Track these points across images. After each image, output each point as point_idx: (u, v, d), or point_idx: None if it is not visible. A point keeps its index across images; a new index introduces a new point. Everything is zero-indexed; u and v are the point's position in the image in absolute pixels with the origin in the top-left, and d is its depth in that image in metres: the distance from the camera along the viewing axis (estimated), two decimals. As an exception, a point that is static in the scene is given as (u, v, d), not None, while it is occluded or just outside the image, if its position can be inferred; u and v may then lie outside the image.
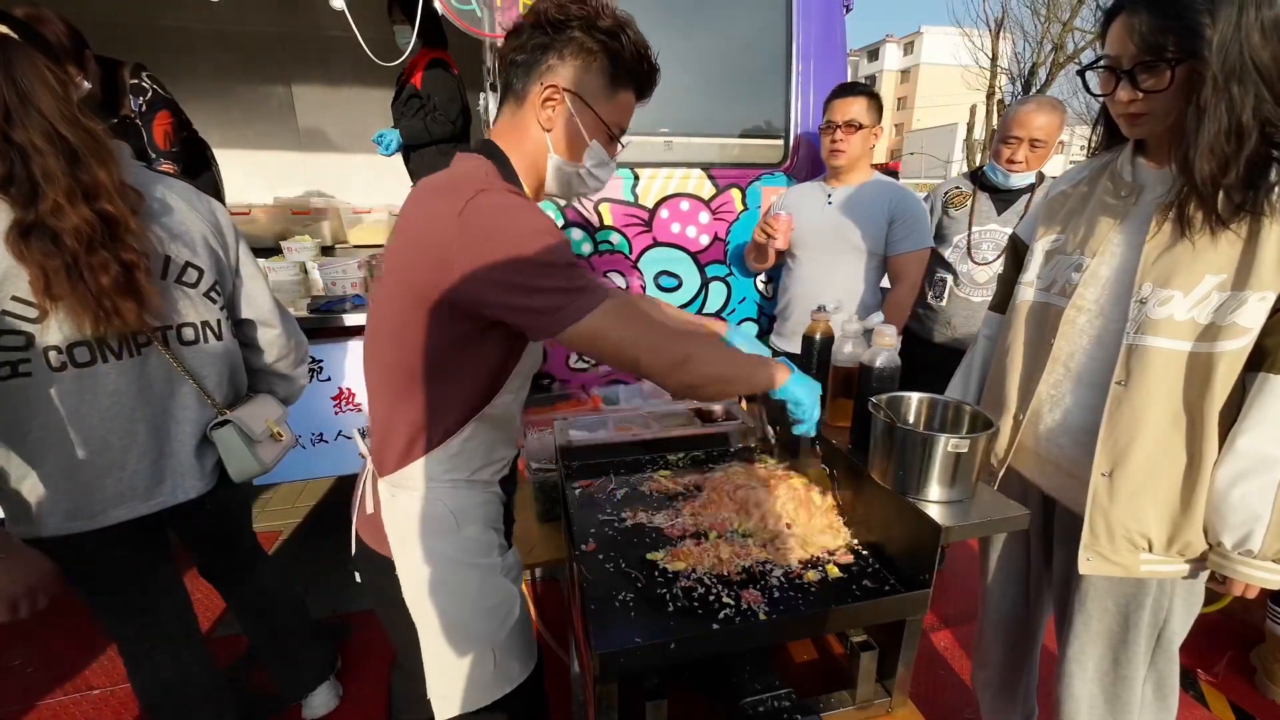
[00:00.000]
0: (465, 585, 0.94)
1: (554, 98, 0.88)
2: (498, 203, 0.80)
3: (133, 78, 2.33)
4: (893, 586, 0.97)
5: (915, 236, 1.97)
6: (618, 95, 0.92)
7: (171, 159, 2.46)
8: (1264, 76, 0.85)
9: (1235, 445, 0.94)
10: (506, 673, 0.99)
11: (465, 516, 0.94)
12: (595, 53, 0.88)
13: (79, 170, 0.99)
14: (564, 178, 0.95)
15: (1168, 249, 0.96)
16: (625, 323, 0.82)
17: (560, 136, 0.91)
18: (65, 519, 1.11)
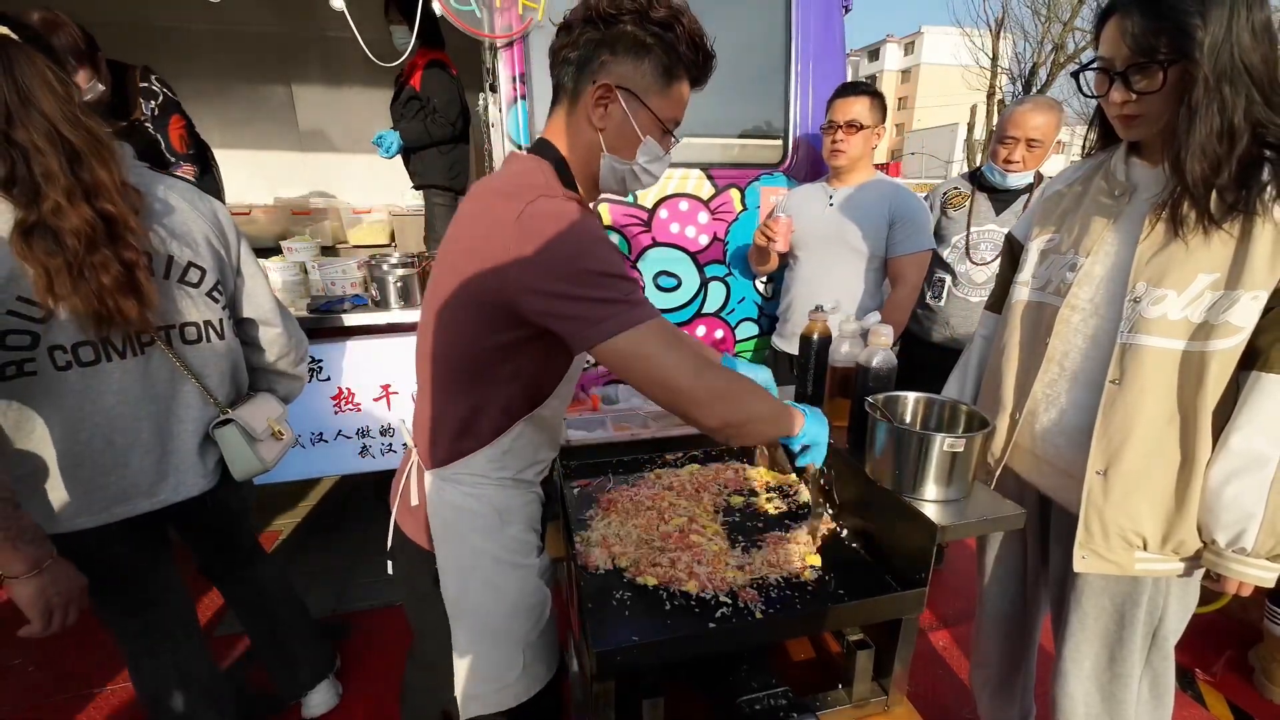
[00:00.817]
0: (506, 584, 0.95)
1: (607, 96, 0.86)
2: (556, 209, 0.79)
3: (142, 81, 2.33)
4: (889, 585, 0.98)
5: (916, 239, 1.96)
6: (672, 87, 0.88)
7: (190, 161, 2.48)
8: (1254, 78, 0.86)
9: (1228, 443, 0.94)
10: (534, 675, 0.99)
11: (510, 515, 0.95)
12: (650, 46, 0.84)
13: (80, 170, 0.99)
14: (618, 176, 0.93)
15: (1161, 248, 0.97)
16: (669, 346, 0.79)
17: (614, 135, 0.88)
18: (68, 516, 1.12)
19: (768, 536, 1.10)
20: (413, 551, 0.97)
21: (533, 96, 2.10)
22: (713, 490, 1.27)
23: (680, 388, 0.79)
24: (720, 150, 2.40)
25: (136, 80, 2.31)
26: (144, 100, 2.32)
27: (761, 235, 2.07)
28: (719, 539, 1.09)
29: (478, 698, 0.96)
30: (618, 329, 0.77)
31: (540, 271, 0.77)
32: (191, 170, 2.49)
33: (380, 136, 2.75)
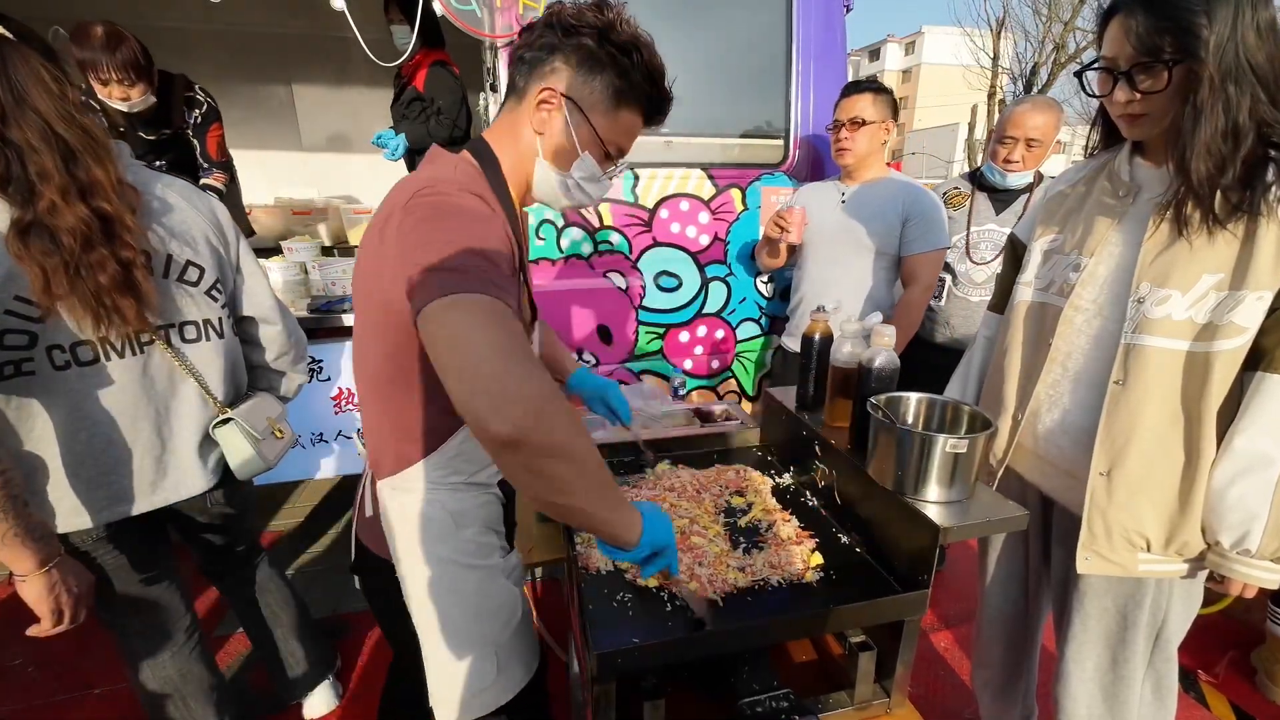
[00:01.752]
0: (465, 588, 0.93)
1: (550, 101, 0.86)
2: (438, 200, 0.76)
3: (186, 90, 2.41)
4: (891, 586, 0.98)
5: (930, 237, 1.91)
6: (620, 113, 0.88)
7: (223, 169, 2.55)
8: (1260, 77, 0.86)
9: (1233, 444, 0.94)
10: (510, 677, 0.98)
11: (464, 518, 0.93)
12: (604, 65, 0.84)
13: (75, 168, 0.99)
14: (550, 184, 0.92)
15: (1165, 249, 0.96)
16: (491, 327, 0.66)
17: (551, 142, 0.88)
18: (69, 516, 1.12)
19: (769, 537, 1.10)
20: (376, 563, 0.96)
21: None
22: (714, 491, 1.27)
23: (480, 373, 0.64)
24: (721, 150, 2.39)
25: (181, 90, 2.39)
26: (187, 109, 2.40)
27: (774, 227, 2.02)
28: (720, 540, 1.09)
29: (455, 704, 0.94)
30: (431, 294, 0.67)
31: (403, 253, 0.73)
32: (223, 178, 2.56)
33: (381, 137, 2.74)
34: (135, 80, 2.04)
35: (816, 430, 1.22)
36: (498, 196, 0.87)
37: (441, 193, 0.78)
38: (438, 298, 0.67)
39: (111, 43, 1.94)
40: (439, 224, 0.74)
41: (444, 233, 0.73)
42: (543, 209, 2.19)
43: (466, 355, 0.65)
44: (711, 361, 2.58)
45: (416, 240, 0.73)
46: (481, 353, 0.64)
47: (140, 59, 2.02)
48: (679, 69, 2.43)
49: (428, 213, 0.75)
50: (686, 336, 2.50)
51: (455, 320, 0.66)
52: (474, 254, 0.71)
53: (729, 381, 2.65)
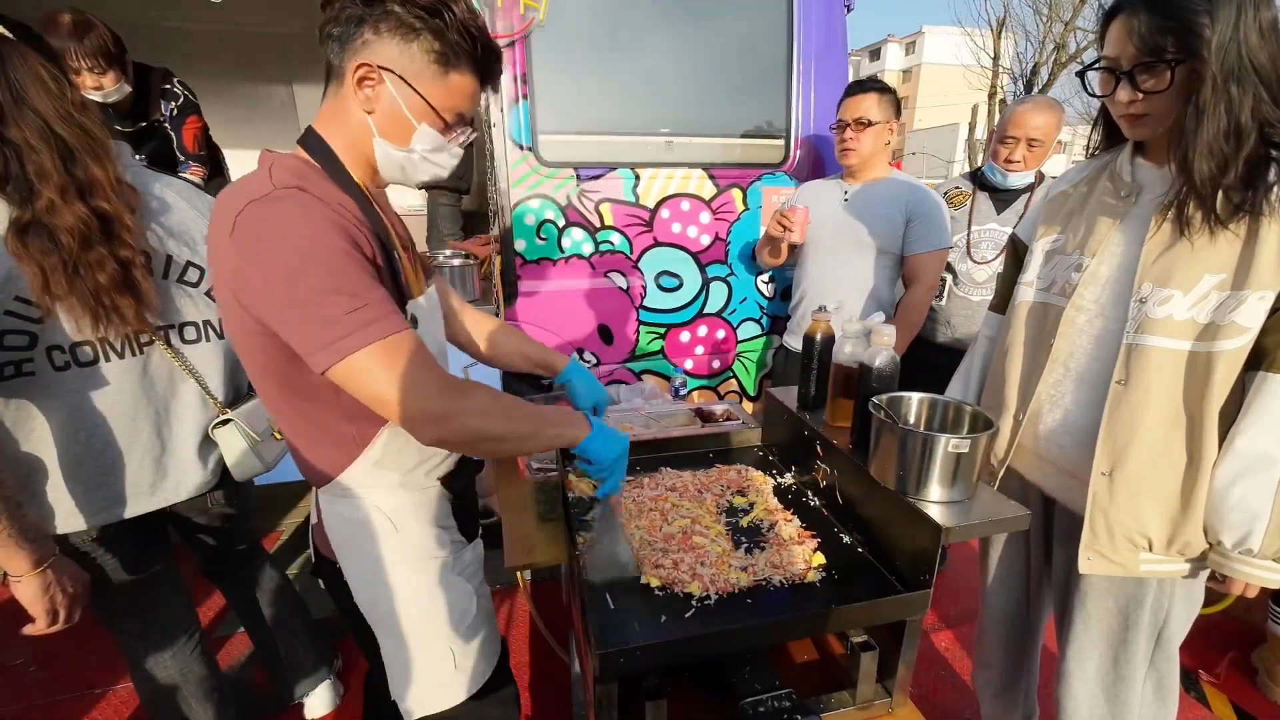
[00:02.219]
0: (413, 586, 0.93)
1: (370, 76, 0.80)
2: (266, 214, 0.73)
3: (163, 83, 2.36)
4: (893, 586, 0.98)
5: (933, 236, 1.92)
6: (450, 77, 0.83)
7: (200, 162, 2.50)
8: (1262, 77, 0.86)
9: (1234, 444, 0.94)
10: (471, 672, 0.98)
11: (403, 518, 0.93)
12: (418, 30, 0.79)
13: (74, 167, 0.99)
14: (394, 163, 0.87)
15: (1167, 249, 0.96)
16: (391, 365, 0.74)
17: (383, 119, 0.83)
18: (69, 516, 1.12)
19: (770, 537, 1.10)
20: (329, 569, 0.96)
21: (534, 96, 2.09)
22: (715, 491, 1.27)
23: (393, 410, 0.75)
24: (722, 150, 2.40)
25: (158, 83, 2.35)
26: (164, 101, 2.36)
27: (777, 225, 2.01)
28: (722, 540, 1.08)
29: (418, 700, 0.95)
30: (336, 355, 0.72)
31: (260, 289, 0.72)
32: (200, 172, 2.51)
33: None
34: (106, 68, 1.99)
35: (818, 430, 1.22)
36: (339, 184, 0.83)
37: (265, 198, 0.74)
38: (334, 361, 0.72)
39: (79, 30, 1.87)
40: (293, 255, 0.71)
41: (303, 272, 0.71)
42: (544, 207, 2.19)
43: (384, 396, 0.74)
44: (712, 361, 2.58)
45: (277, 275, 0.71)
46: (394, 390, 0.74)
47: (110, 47, 1.96)
48: (680, 69, 2.44)
49: (268, 234, 0.72)
50: (687, 336, 2.50)
51: (365, 372, 0.73)
52: (345, 294, 0.72)
53: (730, 381, 2.65)
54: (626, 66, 2.26)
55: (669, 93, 2.32)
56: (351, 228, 0.77)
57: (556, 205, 2.21)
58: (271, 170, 0.79)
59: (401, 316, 0.77)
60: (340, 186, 0.83)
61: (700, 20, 2.28)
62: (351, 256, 0.74)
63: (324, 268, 0.72)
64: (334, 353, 0.72)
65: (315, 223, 0.73)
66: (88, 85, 2.03)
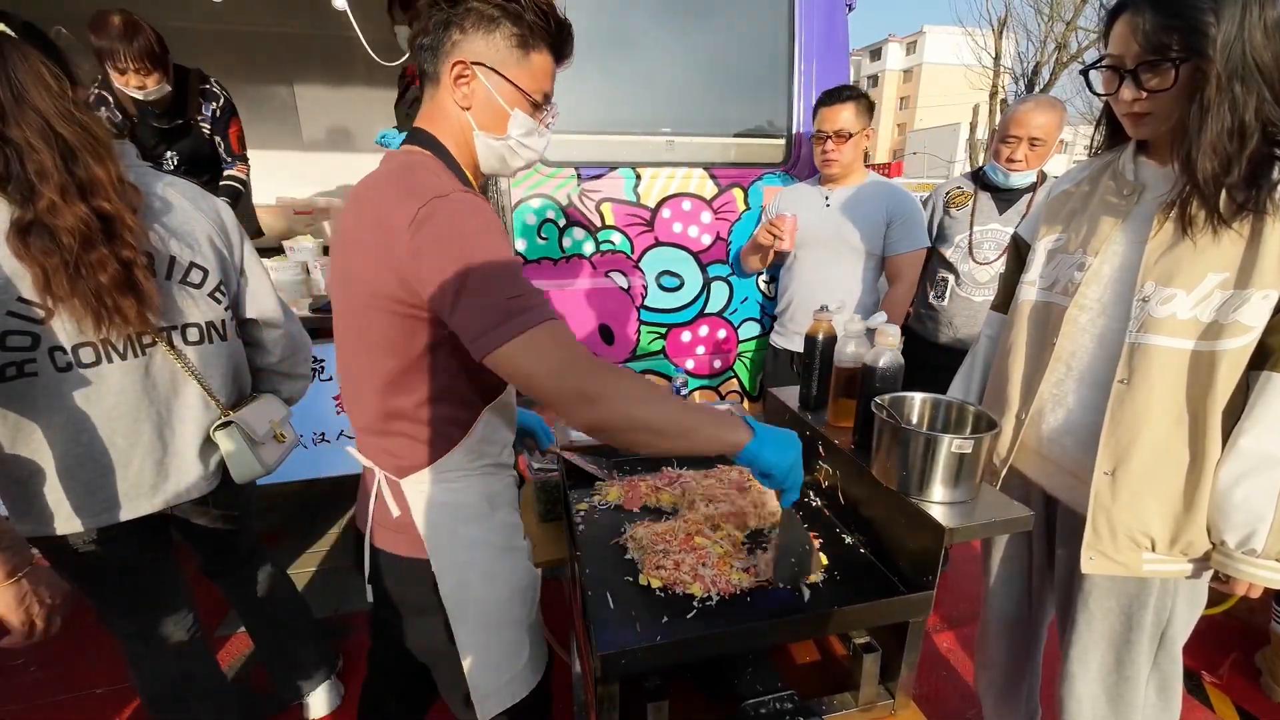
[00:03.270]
0: (502, 570, 0.97)
1: (465, 74, 0.86)
2: (452, 209, 0.78)
3: (202, 83, 2.44)
4: (896, 588, 0.97)
5: (913, 237, 2.03)
6: (531, 58, 0.89)
7: (244, 160, 2.62)
8: (1266, 76, 0.86)
9: (1238, 444, 0.94)
10: (537, 658, 1.01)
11: (497, 500, 0.97)
12: (497, 19, 0.85)
13: (75, 167, 0.98)
14: (495, 153, 0.93)
15: (1170, 248, 0.96)
16: (550, 349, 0.77)
17: (481, 112, 0.89)
18: (69, 517, 1.11)
19: (773, 538, 1.10)
20: (402, 567, 0.95)
21: (535, 96, 2.09)
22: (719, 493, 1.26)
23: (545, 388, 0.77)
24: (723, 149, 2.40)
25: (196, 83, 2.42)
26: (204, 101, 2.44)
27: (766, 234, 2.08)
28: (725, 542, 1.08)
29: (492, 694, 0.96)
30: (502, 338, 0.75)
31: (436, 276, 0.77)
32: (245, 169, 2.62)
33: (384, 136, 2.74)
34: (151, 69, 2.09)
35: (820, 430, 1.22)
36: (460, 181, 0.87)
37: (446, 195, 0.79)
38: (508, 340, 0.75)
39: (129, 32, 1.99)
40: (475, 245, 0.77)
41: (484, 260, 0.76)
42: (545, 207, 2.19)
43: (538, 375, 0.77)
44: (713, 361, 2.58)
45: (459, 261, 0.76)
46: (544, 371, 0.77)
47: (156, 48, 2.07)
48: (681, 68, 2.43)
49: (453, 226, 0.78)
50: (688, 336, 2.50)
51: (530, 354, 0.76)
52: (519, 279, 0.78)
53: (731, 381, 2.64)
54: (628, 66, 2.26)
55: (670, 92, 2.32)
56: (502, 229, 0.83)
57: (557, 205, 2.21)
58: (439, 172, 0.85)
59: (551, 306, 0.80)
60: (460, 182, 0.87)
61: (701, 19, 2.27)
62: (509, 252, 0.80)
63: (493, 261, 0.77)
64: (501, 335, 0.75)
65: (486, 221, 0.80)
66: (131, 84, 2.09)
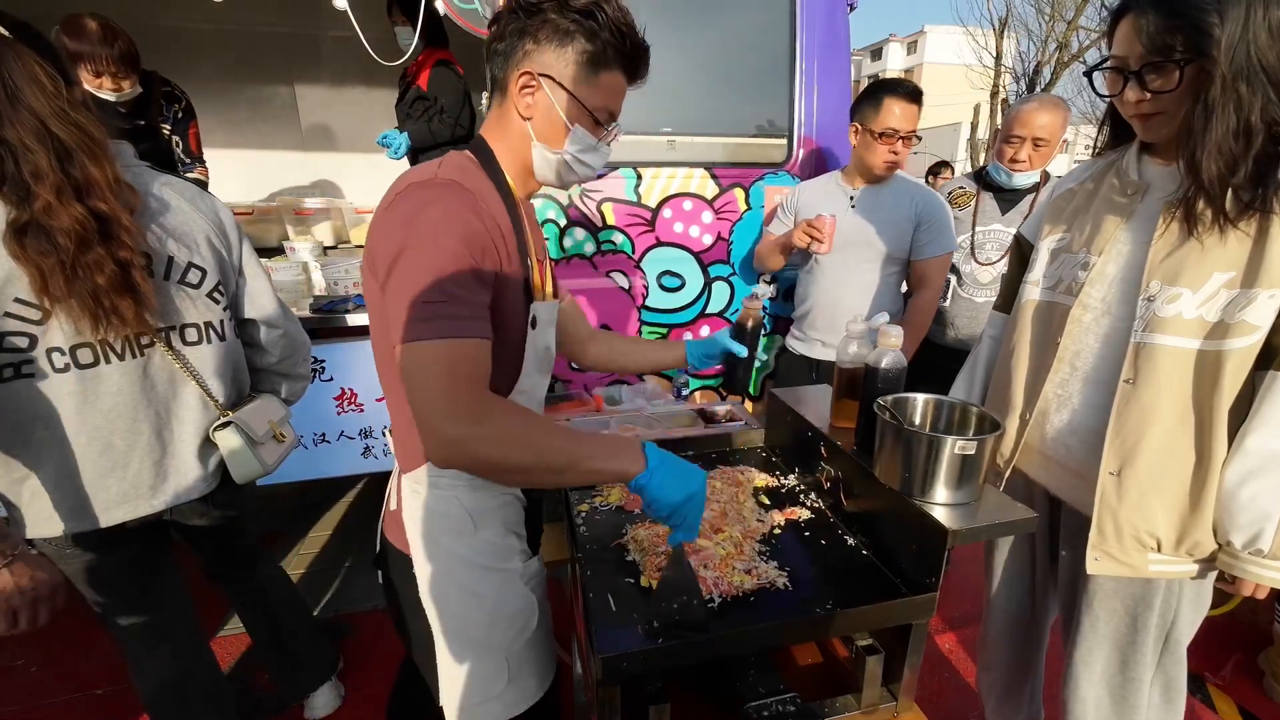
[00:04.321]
0: (483, 590, 0.92)
1: (530, 84, 0.86)
2: (416, 196, 0.79)
3: (164, 85, 2.47)
4: (899, 590, 0.97)
5: (941, 240, 1.90)
6: (600, 77, 0.87)
7: (203, 163, 2.66)
8: (1271, 77, 0.85)
9: (1245, 444, 0.93)
10: (522, 690, 0.96)
11: (483, 519, 0.93)
12: (571, 33, 0.83)
13: (70, 167, 0.98)
14: (550, 165, 0.92)
15: (1175, 247, 0.95)
16: (433, 368, 0.74)
17: (541, 123, 0.88)
18: (68, 518, 1.11)
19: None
20: (398, 558, 0.96)
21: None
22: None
23: (417, 414, 0.75)
24: (724, 149, 2.39)
25: (158, 85, 2.45)
26: (166, 103, 2.47)
27: (803, 236, 1.89)
28: (727, 543, 1.08)
29: (466, 710, 0.93)
30: (406, 337, 0.75)
31: (380, 257, 0.78)
32: (205, 172, 2.66)
33: (386, 136, 2.74)
34: (129, 73, 2.12)
35: (822, 431, 1.22)
36: (496, 187, 0.88)
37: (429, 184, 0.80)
38: (401, 341, 0.75)
39: (109, 36, 2.01)
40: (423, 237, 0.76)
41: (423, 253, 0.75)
42: (545, 207, 2.18)
43: (414, 390, 0.75)
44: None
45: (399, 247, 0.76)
46: (419, 389, 0.75)
47: (133, 52, 2.09)
48: (682, 68, 2.42)
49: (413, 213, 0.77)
50: (689, 337, 2.50)
51: (415, 360, 0.75)
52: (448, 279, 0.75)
53: (732, 382, 2.64)
54: (628, 65, 2.25)
55: (671, 92, 2.31)
56: (486, 229, 0.81)
57: (558, 205, 2.20)
58: (442, 162, 0.85)
59: (480, 327, 0.79)
60: (495, 185, 0.88)
61: (703, 19, 2.27)
62: (462, 258, 0.77)
63: (432, 257, 0.75)
64: (405, 332, 0.75)
65: (450, 213, 0.78)
66: (106, 87, 2.09)
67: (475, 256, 0.78)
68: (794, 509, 1.20)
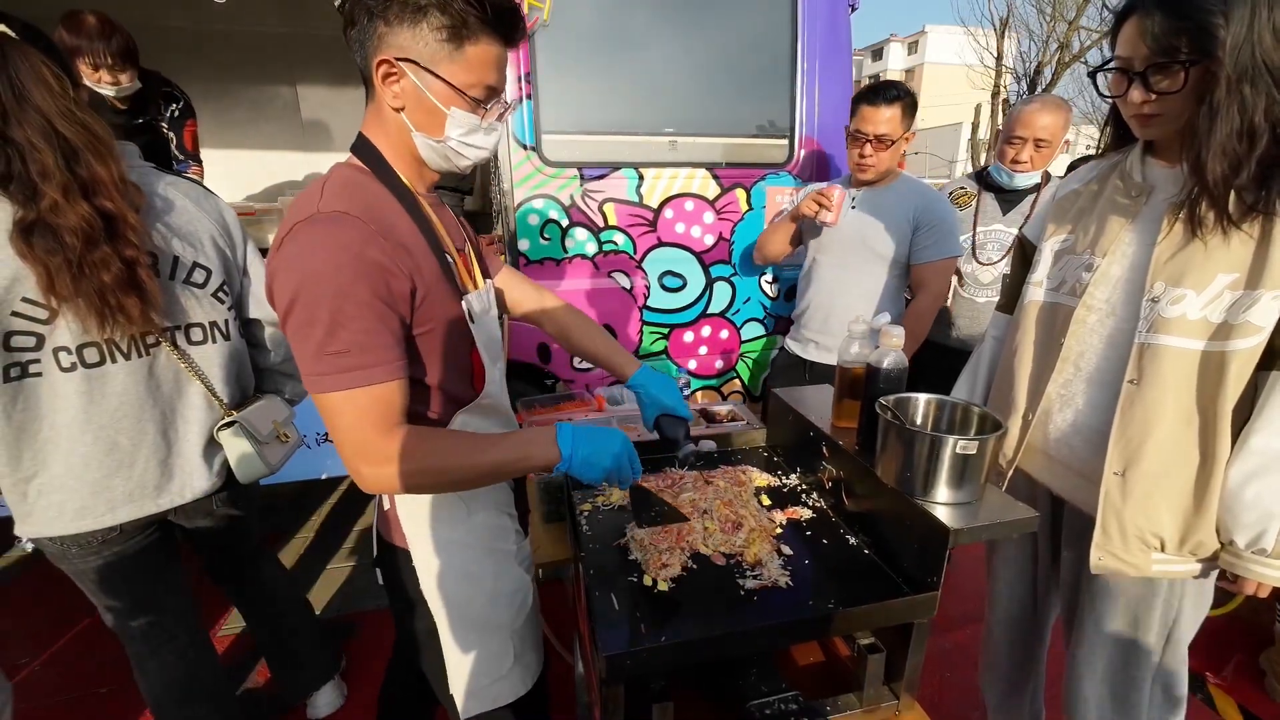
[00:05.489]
0: (482, 571, 0.94)
1: (392, 72, 0.79)
2: (301, 237, 0.75)
3: (163, 84, 2.49)
4: (900, 589, 0.97)
5: (941, 244, 1.84)
6: (466, 50, 0.79)
7: (198, 161, 2.66)
8: (1275, 78, 0.85)
9: (1248, 444, 0.93)
10: (526, 667, 0.99)
11: (476, 503, 0.95)
12: (423, 8, 0.75)
13: (77, 166, 0.98)
14: (438, 154, 0.87)
15: (1180, 248, 0.96)
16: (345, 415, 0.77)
17: (415, 112, 0.82)
18: (74, 517, 1.12)
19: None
20: (395, 555, 0.96)
21: (538, 96, 2.09)
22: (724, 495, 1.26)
23: (341, 452, 0.79)
24: (725, 149, 2.39)
25: (158, 84, 2.48)
26: (164, 102, 2.49)
27: (811, 204, 1.84)
28: (714, 538, 1.08)
29: (476, 694, 0.95)
30: (314, 389, 0.77)
31: (278, 307, 0.77)
32: (200, 171, 2.64)
33: None
34: (126, 67, 2.13)
35: (824, 431, 1.22)
36: (392, 190, 0.85)
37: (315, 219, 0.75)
38: (312, 392, 0.78)
39: (106, 30, 2.03)
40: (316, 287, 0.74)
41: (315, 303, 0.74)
42: (548, 207, 2.19)
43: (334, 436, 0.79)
44: (716, 361, 2.58)
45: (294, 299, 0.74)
46: (336, 436, 0.79)
47: (131, 46, 2.11)
48: (684, 69, 2.42)
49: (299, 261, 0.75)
50: (691, 336, 2.50)
51: (325, 408, 0.78)
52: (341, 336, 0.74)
53: (733, 381, 2.64)
54: (630, 66, 2.26)
55: (673, 92, 2.32)
56: (384, 253, 0.77)
57: (560, 205, 2.21)
58: (325, 187, 0.80)
59: (385, 370, 0.78)
60: (390, 189, 0.85)
61: (704, 19, 2.27)
62: (359, 299, 0.74)
63: (327, 306, 0.73)
64: (311, 385, 0.77)
65: (339, 252, 0.74)
66: (104, 81, 2.11)
67: (375, 291, 0.75)
68: (796, 509, 1.20)
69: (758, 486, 1.29)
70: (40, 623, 2.04)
